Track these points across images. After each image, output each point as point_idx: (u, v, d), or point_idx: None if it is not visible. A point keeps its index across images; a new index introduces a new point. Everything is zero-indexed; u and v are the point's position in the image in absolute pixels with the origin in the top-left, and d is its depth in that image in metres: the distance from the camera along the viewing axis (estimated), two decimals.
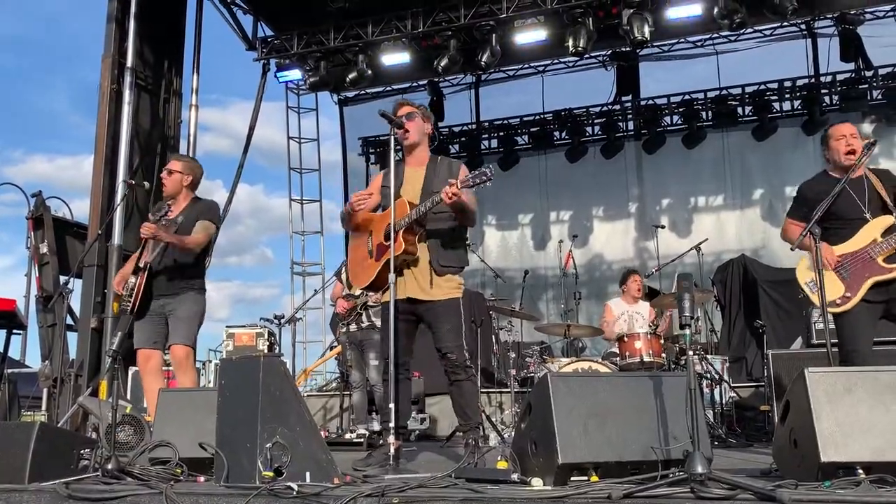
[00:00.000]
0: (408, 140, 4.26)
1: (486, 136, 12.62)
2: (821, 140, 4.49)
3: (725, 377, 7.02)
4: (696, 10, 8.58)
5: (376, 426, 6.92)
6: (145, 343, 4.87)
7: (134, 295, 4.72)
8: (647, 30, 8.24)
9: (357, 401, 6.81)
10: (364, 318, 6.61)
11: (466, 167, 4.25)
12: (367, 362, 6.59)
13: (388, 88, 12.42)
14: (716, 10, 8.21)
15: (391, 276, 3.83)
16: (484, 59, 9.02)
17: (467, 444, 4.05)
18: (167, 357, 5.15)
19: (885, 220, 4.15)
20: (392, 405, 3.76)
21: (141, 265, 4.75)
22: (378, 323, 6.48)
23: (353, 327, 6.65)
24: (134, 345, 4.89)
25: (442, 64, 9.13)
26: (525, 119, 12.29)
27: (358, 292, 6.62)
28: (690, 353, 2.74)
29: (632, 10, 8.25)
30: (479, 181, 3.88)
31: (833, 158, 4.32)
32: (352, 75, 9.47)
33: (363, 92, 12.24)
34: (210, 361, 9.04)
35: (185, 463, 3.28)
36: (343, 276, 6.87)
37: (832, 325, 4.20)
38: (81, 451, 3.46)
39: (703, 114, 11.45)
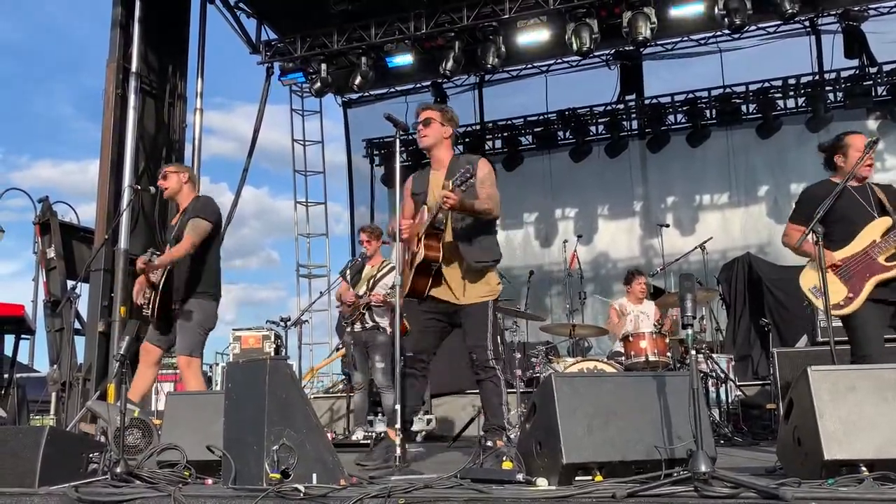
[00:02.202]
0: (421, 143, 4.37)
1: (490, 136, 12.62)
2: (832, 145, 4.42)
3: (731, 376, 7.02)
4: (698, 8, 8.56)
5: (380, 427, 6.95)
6: (151, 338, 5.01)
7: (152, 307, 4.84)
8: (648, 29, 8.23)
9: (358, 402, 6.82)
10: (368, 318, 6.59)
11: (487, 161, 4.31)
12: (373, 364, 6.57)
13: (392, 90, 12.44)
14: (716, 10, 8.19)
15: (397, 279, 3.90)
16: (490, 60, 9.00)
17: (479, 444, 4.05)
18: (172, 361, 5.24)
19: (885, 222, 4.16)
20: (398, 406, 3.79)
21: (154, 280, 4.84)
22: (382, 324, 6.51)
23: (357, 327, 6.64)
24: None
25: (448, 66, 9.14)
26: (529, 119, 12.29)
27: (361, 292, 6.63)
28: (693, 352, 2.74)
29: (633, 11, 8.25)
30: (466, 178, 3.90)
31: (849, 166, 4.26)
32: (357, 80, 9.50)
33: (367, 94, 12.27)
34: (217, 364, 9.08)
35: (193, 465, 3.30)
36: (348, 276, 6.89)
37: (836, 323, 4.20)
38: (90, 455, 3.49)
39: (707, 112, 11.43)
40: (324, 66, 9.69)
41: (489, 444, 4.01)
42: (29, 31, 30.91)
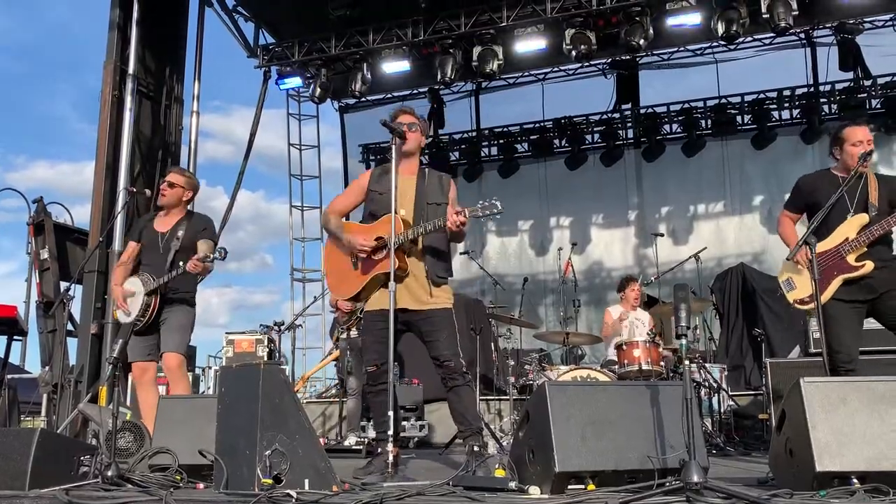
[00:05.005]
0: (406, 147, 4.29)
1: (487, 143, 12.65)
2: (832, 138, 4.37)
3: (724, 385, 7.02)
4: (695, 19, 8.58)
5: (372, 433, 6.94)
6: (140, 355, 4.89)
7: (148, 315, 4.79)
8: (642, 37, 8.26)
9: (351, 407, 6.79)
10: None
11: (454, 183, 4.42)
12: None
13: (389, 96, 12.47)
14: (713, 22, 8.23)
15: (391, 285, 3.83)
16: (489, 67, 9.01)
17: (470, 451, 4.05)
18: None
19: (861, 219, 4.12)
20: (391, 412, 3.78)
21: (154, 287, 4.77)
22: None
23: (353, 332, 6.65)
24: (128, 357, 4.88)
25: (448, 74, 9.15)
26: (525, 126, 12.33)
27: None
28: (686, 362, 2.75)
29: (630, 21, 8.28)
30: (489, 213, 3.97)
31: (846, 161, 4.22)
32: (358, 86, 9.50)
33: (364, 99, 12.24)
34: (210, 368, 9.05)
35: (185, 470, 3.29)
36: None
37: None
38: (81, 458, 3.47)
39: (703, 122, 11.49)
40: (323, 71, 9.70)
41: (476, 448, 4.04)
42: (31, 32, 30.91)
